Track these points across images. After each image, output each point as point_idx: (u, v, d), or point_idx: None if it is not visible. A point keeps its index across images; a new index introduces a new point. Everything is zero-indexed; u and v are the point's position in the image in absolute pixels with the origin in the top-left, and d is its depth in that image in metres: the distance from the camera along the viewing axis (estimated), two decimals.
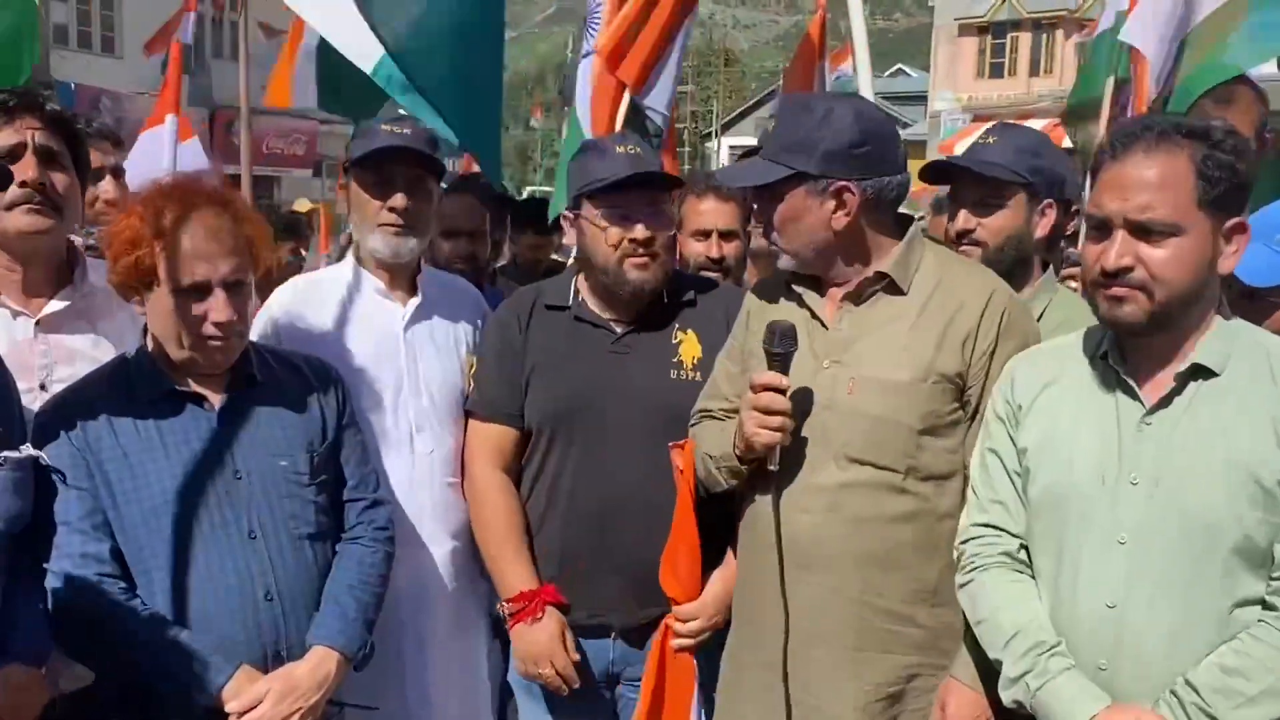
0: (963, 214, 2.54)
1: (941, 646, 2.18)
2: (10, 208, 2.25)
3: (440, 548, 2.65)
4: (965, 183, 2.56)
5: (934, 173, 2.66)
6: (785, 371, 2.14)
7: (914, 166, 2.50)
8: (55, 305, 2.34)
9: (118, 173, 3.40)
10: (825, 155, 2.16)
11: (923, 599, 2.18)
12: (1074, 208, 2.63)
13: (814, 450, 2.18)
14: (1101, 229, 1.82)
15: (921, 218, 2.44)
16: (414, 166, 2.62)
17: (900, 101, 45.43)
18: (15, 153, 2.25)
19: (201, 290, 2.11)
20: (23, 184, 2.23)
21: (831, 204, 2.17)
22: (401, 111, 3.37)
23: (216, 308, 2.11)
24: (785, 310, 2.28)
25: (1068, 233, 2.73)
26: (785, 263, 2.26)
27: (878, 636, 2.17)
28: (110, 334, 2.40)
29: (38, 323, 2.32)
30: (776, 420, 2.12)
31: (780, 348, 2.14)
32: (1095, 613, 1.84)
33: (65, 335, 2.35)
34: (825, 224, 2.19)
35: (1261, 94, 3.25)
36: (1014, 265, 2.50)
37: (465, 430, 2.69)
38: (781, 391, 2.13)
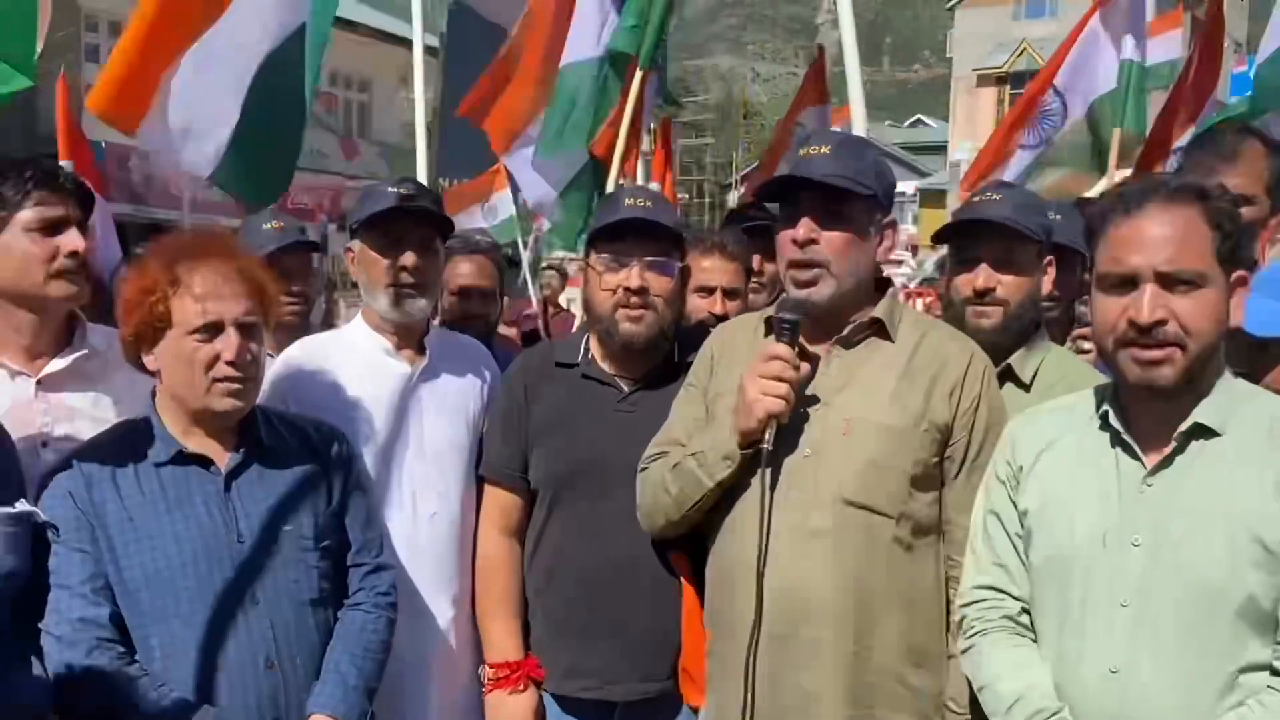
0: (984, 270, 2.44)
1: (924, 711, 2.15)
2: (57, 275, 2.31)
3: (442, 614, 2.62)
4: (985, 239, 2.47)
5: (950, 230, 2.59)
6: (793, 344, 2.14)
7: (935, 215, 2.50)
8: (56, 364, 2.38)
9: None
10: (886, 191, 2.22)
11: (909, 657, 2.15)
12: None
13: (804, 494, 2.14)
14: (1123, 285, 1.79)
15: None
16: (422, 226, 2.63)
17: (920, 151, 45.72)
18: (60, 224, 2.32)
19: (215, 329, 2.14)
20: (71, 254, 2.31)
21: (878, 236, 2.22)
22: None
23: (230, 346, 2.13)
24: (761, 348, 2.23)
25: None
26: (823, 294, 2.18)
27: (871, 693, 2.13)
28: (110, 394, 2.42)
29: (39, 382, 2.36)
30: (783, 388, 2.09)
31: (792, 313, 2.14)
32: (1098, 677, 1.80)
33: (66, 394, 2.38)
34: (873, 255, 2.23)
35: (1271, 144, 3.16)
36: (1030, 325, 2.47)
37: (476, 493, 2.67)
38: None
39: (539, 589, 2.55)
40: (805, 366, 2.16)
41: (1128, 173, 4.74)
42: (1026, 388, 2.42)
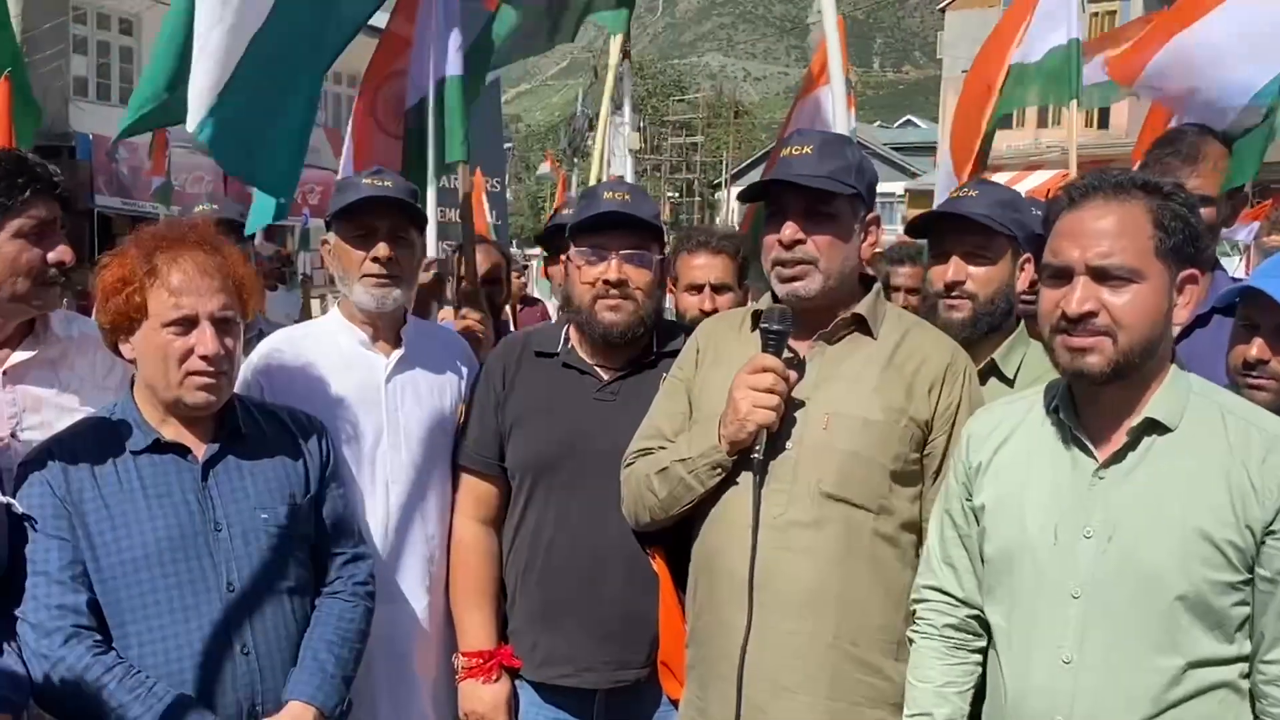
0: (955, 263, 2.50)
1: (902, 706, 2.15)
2: (46, 284, 2.31)
3: (417, 601, 2.64)
4: (955, 233, 2.52)
5: (922, 224, 2.64)
6: (779, 353, 2.17)
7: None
8: (20, 355, 2.38)
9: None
10: (869, 188, 2.26)
11: (889, 651, 2.17)
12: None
13: (786, 487, 2.17)
14: (1060, 277, 1.83)
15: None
16: (395, 217, 2.62)
17: (909, 152, 45.72)
18: (47, 228, 2.31)
19: (190, 323, 2.14)
20: (60, 263, 2.30)
21: (862, 232, 2.27)
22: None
23: (204, 341, 2.14)
24: (747, 345, 2.27)
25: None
26: (811, 287, 2.22)
27: (851, 687, 2.15)
28: (73, 382, 2.45)
29: (4, 373, 2.36)
30: (774, 400, 2.13)
31: (780, 325, 2.17)
32: (1051, 667, 1.84)
33: (32, 385, 2.39)
34: (858, 251, 2.27)
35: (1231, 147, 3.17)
36: (1002, 318, 2.51)
37: (450, 482, 2.69)
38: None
39: (517, 577, 2.57)
40: (794, 375, 2.18)
41: None
42: (1010, 382, 2.46)
